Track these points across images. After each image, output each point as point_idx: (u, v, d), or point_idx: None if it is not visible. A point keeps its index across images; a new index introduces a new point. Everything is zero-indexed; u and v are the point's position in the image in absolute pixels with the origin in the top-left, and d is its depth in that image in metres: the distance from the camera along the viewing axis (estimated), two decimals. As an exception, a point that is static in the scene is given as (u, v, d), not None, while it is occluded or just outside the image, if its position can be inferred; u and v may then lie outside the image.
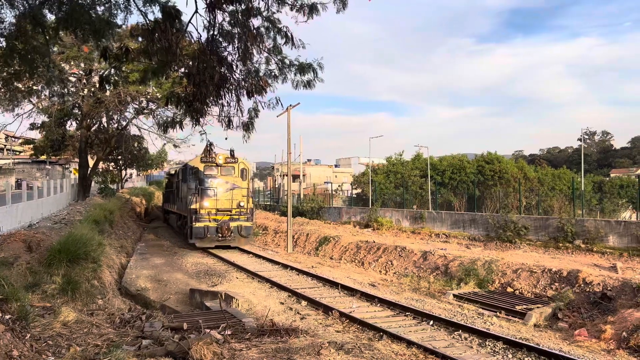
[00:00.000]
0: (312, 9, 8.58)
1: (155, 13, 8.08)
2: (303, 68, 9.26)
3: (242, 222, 23.21)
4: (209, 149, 9.83)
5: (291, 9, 8.52)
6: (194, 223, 22.23)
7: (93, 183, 36.43)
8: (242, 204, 23.15)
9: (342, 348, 7.37)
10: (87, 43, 12.52)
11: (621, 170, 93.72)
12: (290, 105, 25.31)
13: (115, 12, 7.92)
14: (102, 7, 8.00)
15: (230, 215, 22.98)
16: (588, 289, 13.41)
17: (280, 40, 9.12)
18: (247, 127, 9.64)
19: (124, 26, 8.92)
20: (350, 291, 13.44)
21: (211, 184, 23.05)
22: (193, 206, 22.59)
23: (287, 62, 9.25)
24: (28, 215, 16.80)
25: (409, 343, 8.76)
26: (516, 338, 9.81)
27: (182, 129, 11.48)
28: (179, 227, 28.37)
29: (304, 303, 12.15)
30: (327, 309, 11.26)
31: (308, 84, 9.61)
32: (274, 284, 14.44)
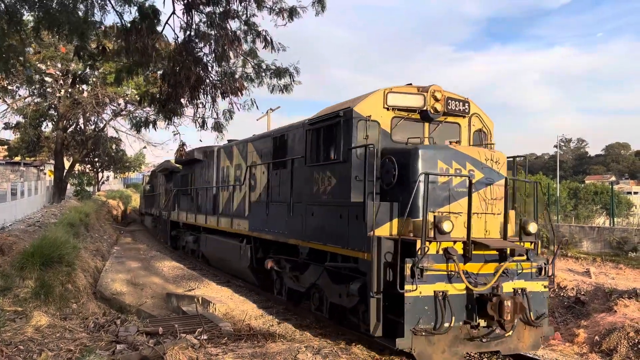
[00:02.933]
0: (292, 13, 8.61)
1: (132, 13, 8.01)
2: (280, 72, 9.30)
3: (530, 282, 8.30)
4: (182, 150, 9.81)
5: (270, 13, 8.53)
6: (406, 287, 7.34)
7: (69, 185, 35.85)
8: (531, 228, 8.34)
9: (319, 352, 7.36)
10: (69, 43, 12.35)
11: (595, 177, 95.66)
12: (271, 108, 25.36)
13: (93, 11, 7.84)
14: (81, 6, 7.91)
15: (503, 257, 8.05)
16: (562, 294, 13.63)
17: (259, 44, 9.15)
18: (219, 128, 9.69)
19: (103, 25, 8.84)
20: None
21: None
22: (384, 230, 8.05)
23: (264, 66, 9.27)
24: (0, 218, 16.45)
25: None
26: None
27: (155, 129, 11.47)
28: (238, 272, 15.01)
29: (281, 307, 12.12)
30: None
31: (285, 88, 9.67)
32: (251, 289, 14.37)
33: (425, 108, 8.94)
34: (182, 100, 8.86)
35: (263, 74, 9.47)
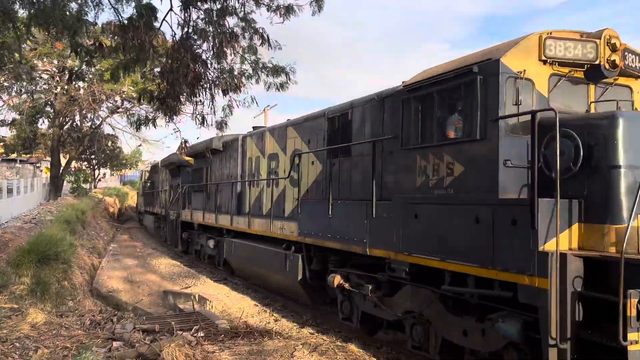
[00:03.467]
0: (288, 10, 8.61)
1: (126, 11, 8.01)
2: (277, 70, 9.31)
3: None
4: (183, 147, 9.81)
5: (267, 10, 8.53)
6: (630, 335, 4.68)
7: (65, 182, 35.77)
8: None
9: (316, 350, 7.36)
10: (60, 40, 12.32)
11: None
12: (268, 106, 25.36)
13: (87, 9, 7.81)
14: (74, 4, 7.89)
15: None
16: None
17: (256, 41, 9.15)
18: (221, 125, 9.67)
19: (96, 23, 8.82)
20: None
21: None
22: None
23: (261, 64, 9.28)
24: (-4, 215, 16.40)
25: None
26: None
27: (154, 127, 11.43)
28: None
29: (278, 305, 12.13)
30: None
31: (281, 87, 9.67)
32: (248, 286, 14.38)
33: (597, 62, 6.39)
34: (180, 97, 8.84)
35: (260, 72, 9.47)
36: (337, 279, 8.94)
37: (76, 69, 27.33)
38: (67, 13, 7.37)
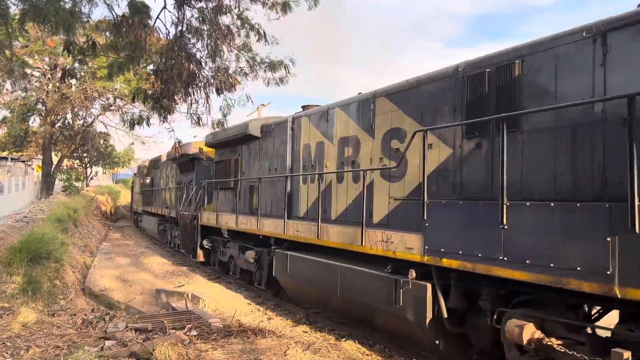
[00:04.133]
0: (285, 6, 8.60)
1: (121, 7, 7.97)
2: (274, 65, 9.27)
3: None
4: (177, 146, 9.77)
5: (263, 6, 8.52)
6: None
7: (57, 181, 35.57)
8: None
9: (309, 348, 7.37)
10: (54, 36, 12.24)
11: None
12: (262, 104, 25.27)
13: (80, 3, 7.76)
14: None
15: None
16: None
17: (253, 37, 9.13)
18: (221, 125, 9.64)
19: (90, 19, 8.77)
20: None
21: None
22: None
23: (258, 59, 9.25)
24: (-13, 213, 16.28)
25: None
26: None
27: (149, 126, 11.37)
28: None
29: (271, 303, 12.11)
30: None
31: (280, 81, 9.62)
32: (241, 284, 14.35)
33: None
34: (175, 96, 8.80)
35: (258, 68, 9.43)
36: (530, 330, 5.39)
37: (68, 66, 27.18)
38: (61, 8, 7.32)
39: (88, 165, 52.63)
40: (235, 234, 13.82)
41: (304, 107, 11.59)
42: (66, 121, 33.42)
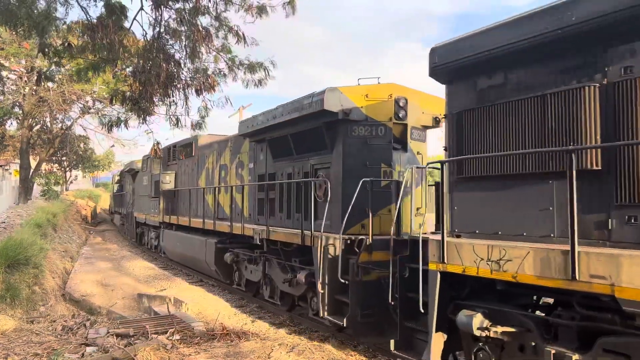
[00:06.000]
0: (261, 10, 8.58)
1: (98, 8, 7.88)
2: (253, 67, 9.25)
3: None
4: (156, 148, 9.68)
5: (239, 9, 8.49)
6: None
7: (35, 185, 35.03)
8: None
9: (293, 350, 7.35)
10: (28, 39, 12.04)
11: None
12: (242, 106, 25.17)
13: (55, 6, 7.65)
14: (42, 1, 7.72)
15: None
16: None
17: (232, 39, 9.09)
18: (199, 126, 9.57)
19: (66, 22, 8.65)
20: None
21: None
22: None
23: (237, 61, 9.22)
24: (-37, 219, 15.98)
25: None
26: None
27: (127, 128, 11.24)
28: None
29: (255, 306, 12.06)
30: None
31: (259, 83, 9.59)
32: (224, 287, 14.27)
33: None
34: (154, 98, 8.72)
35: (236, 69, 9.39)
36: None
37: (45, 69, 26.80)
38: (35, 11, 7.21)
39: (67, 169, 51.93)
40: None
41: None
42: (44, 125, 32.96)
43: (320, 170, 9.51)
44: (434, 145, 22.83)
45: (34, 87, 28.05)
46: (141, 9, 7.81)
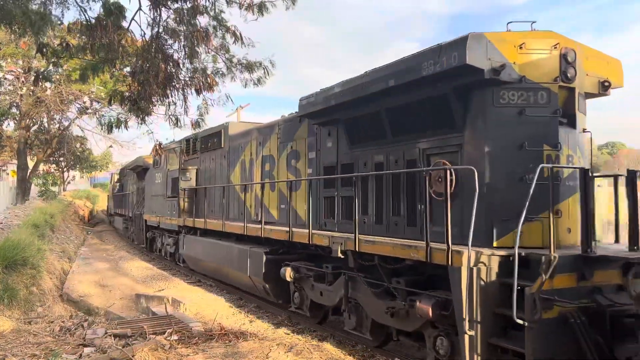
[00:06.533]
0: (262, 7, 8.57)
1: (94, 9, 7.87)
2: (251, 66, 9.24)
3: None
4: (157, 149, 9.68)
5: (239, 8, 8.48)
6: None
7: (33, 186, 34.97)
8: None
9: (291, 350, 7.34)
10: (23, 38, 12.01)
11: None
12: (240, 106, 24.99)
13: (51, 6, 7.62)
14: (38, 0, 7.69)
15: None
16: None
17: (229, 39, 9.08)
18: (198, 124, 9.57)
19: (64, 22, 8.63)
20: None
21: None
22: None
23: (235, 60, 9.21)
24: (-39, 220, 15.95)
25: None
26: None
27: (127, 129, 11.24)
28: None
29: (253, 306, 12.06)
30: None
31: (258, 81, 9.58)
32: (222, 287, 14.27)
33: None
34: (152, 98, 8.72)
35: (234, 69, 9.38)
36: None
37: (42, 69, 26.76)
38: (30, 10, 7.19)
39: (65, 169, 51.85)
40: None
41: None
42: (42, 125, 32.92)
43: (436, 157, 7.06)
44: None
45: (32, 88, 28.02)
46: (139, 9, 7.80)
